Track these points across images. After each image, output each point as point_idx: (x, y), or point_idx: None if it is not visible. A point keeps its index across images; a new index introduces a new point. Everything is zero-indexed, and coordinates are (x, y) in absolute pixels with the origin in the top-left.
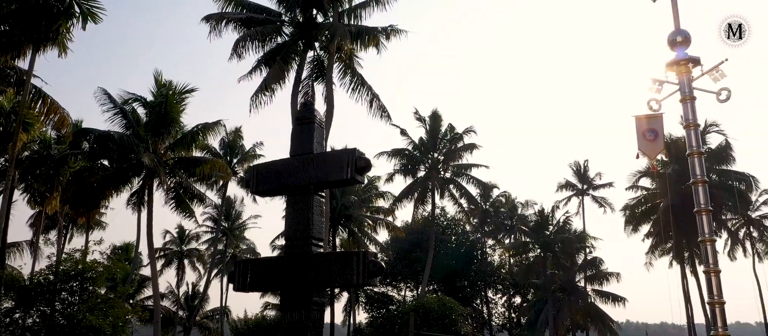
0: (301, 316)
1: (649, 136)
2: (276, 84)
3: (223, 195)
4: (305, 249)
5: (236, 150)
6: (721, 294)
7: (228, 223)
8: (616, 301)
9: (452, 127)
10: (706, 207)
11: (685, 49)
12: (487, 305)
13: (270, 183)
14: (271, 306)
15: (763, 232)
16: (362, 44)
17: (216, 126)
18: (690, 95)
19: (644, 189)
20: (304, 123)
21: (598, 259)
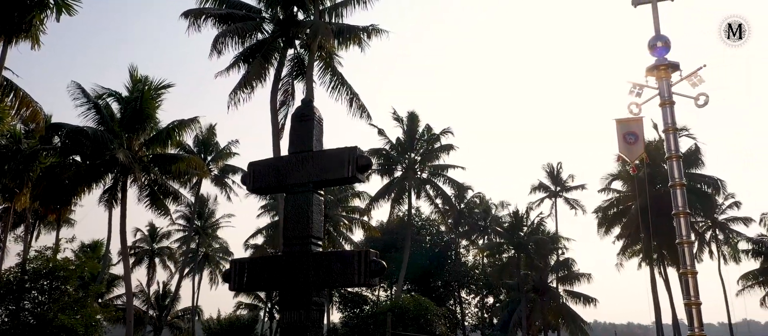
0: (301, 317)
1: (629, 139)
2: (255, 81)
3: (196, 193)
4: (305, 248)
5: (210, 148)
6: (698, 295)
7: (201, 222)
8: (587, 302)
9: (429, 128)
10: (683, 210)
11: (665, 54)
12: (461, 305)
13: (267, 180)
14: (244, 306)
15: (728, 234)
16: (343, 43)
17: (192, 123)
18: (669, 100)
19: (616, 191)
20: (303, 120)
21: (571, 260)
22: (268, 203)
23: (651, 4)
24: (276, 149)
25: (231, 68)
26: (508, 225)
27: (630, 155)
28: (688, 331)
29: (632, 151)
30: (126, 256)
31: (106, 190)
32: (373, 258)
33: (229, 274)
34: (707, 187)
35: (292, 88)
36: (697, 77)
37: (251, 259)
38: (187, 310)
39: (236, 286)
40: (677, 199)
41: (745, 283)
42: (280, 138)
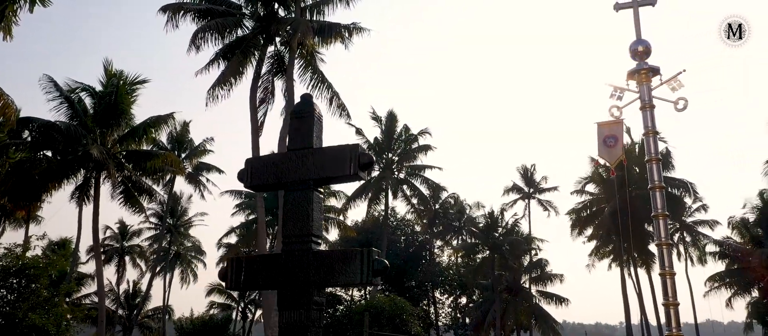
0: (301, 316)
1: (609, 142)
2: (235, 78)
3: (170, 191)
4: (305, 246)
5: (185, 145)
6: (676, 295)
7: (173, 220)
8: (559, 302)
9: (407, 128)
10: (662, 212)
11: (646, 58)
12: (435, 305)
13: (266, 177)
14: (217, 305)
15: (695, 237)
16: (324, 41)
17: (168, 119)
18: (649, 103)
19: (589, 194)
20: (302, 117)
21: (544, 260)
22: (243, 202)
23: (633, 8)
24: (255, 147)
25: (210, 65)
26: (484, 226)
27: (609, 158)
28: (666, 330)
29: (611, 153)
30: (98, 255)
31: (78, 187)
32: (376, 257)
33: (226, 272)
34: (677, 190)
35: (272, 85)
36: (677, 81)
37: (249, 257)
38: (157, 310)
39: (233, 285)
40: (656, 202)
41: (712, 284)
42: (259, 135)
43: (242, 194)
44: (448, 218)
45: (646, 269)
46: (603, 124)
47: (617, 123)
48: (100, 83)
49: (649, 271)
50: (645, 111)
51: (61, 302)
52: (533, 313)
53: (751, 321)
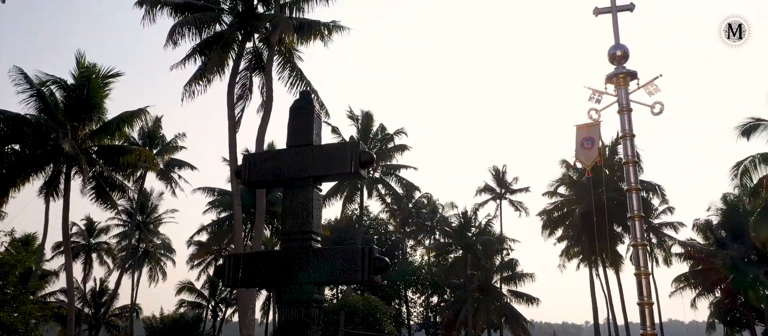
0: (301, 314)
1: (586, 145)
2: (212, 74)
3: (140, 187)
4: (305, 244)
5: (156, 140)
6: (650, 295)
7: (142, 217)
8: (530, 302)
9: (383, 128)
10: (638, 213)
11: (624, 62)
12: (407, 305)
13: (264, 173)
14: (186, 304)
15: (661, 238)
16: (304, 38)
17: (142, 114)
18: (627, 107)
19: (560, 195)
20: (302, 113)
21: (515, 260)
22: (215, 200)
23: (611, 13)
24: (232, 144)
25: (187, 60)
26: (457, 225)
27: (586, 160)
28: (641, 329)
29: (588, 155)
30: (68, 251)
31: (47, 182)
32: (377, 255)
33: (223, 269)
34: (646, 192)
35: (250, 82)
36: (654, 86)
37: (247, 255)
38: (125, 309)
39: (230, 282)
40: (633, 203)
41: (677, 285)
42: (236, 132)
43: (215, 191)
44: (420, 218)
45: (614, 270)
46: (581, 127)
47: (595, 125)
48: (72, 76)
49: (618, 271)
50: (622, 114)
51: (27, 300)
52: (504, 313)
53: (713, 321)
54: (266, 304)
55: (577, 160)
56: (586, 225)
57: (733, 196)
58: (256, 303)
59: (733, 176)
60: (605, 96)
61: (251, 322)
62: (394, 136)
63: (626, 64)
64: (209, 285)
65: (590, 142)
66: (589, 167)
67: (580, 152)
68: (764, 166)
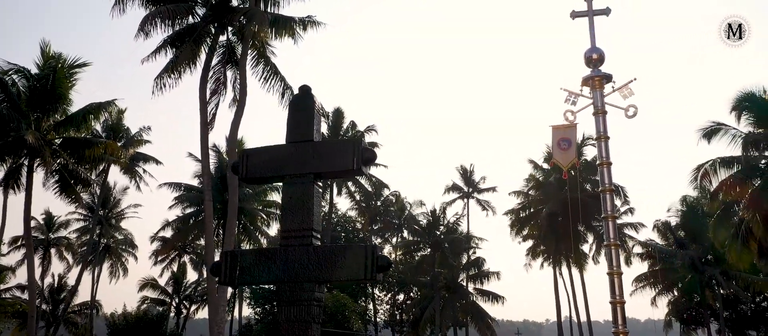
0: (302, 312)
1: (563, 145)
2: (184, 67)
3: (103, 181)
4: (305, 241)
5: (120, 133)
6: (622, 294)
7: (104, 212)
8: (495, 300)
9: (354, 124)
10: (612, 213)
11: (600, 66)
12: (374, 302)
13: (263, 169)
14: (150, 300)
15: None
16: (278, 32)
17: (110, 106)
18: (602, 109)
19: (526, 195)
20: (302, 108)
21: (481, 259)
22: (181, 195)
23: (588, 17)
24: (204, 139)
25: (157, 52)
26: (426, 224)
27: (563, 160)
28: (613, 328)
29: (565, 156)
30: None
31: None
32: (380, 253)
33: (220, 266)
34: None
35: (224, 76)
36: (628, 89)
37: (245, 252)
38: (84, 305)
39: (227, 280)
40: (606, 204)
41: (637, 284)
42: (208, 127)
43: (182, 187)
44: (388, 216)
45: (578, 269)
46: (557, 128)
47: (571, 127)
48: (37, 66)
49: (582, 270)
50: (597, 116)
51: None
52: (470, 311)
53: (670, 319)
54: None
55: (555, 160)
56: (552, 224)
57: (692, 198)
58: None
59: (693, 178)
60: (581, 98)
61: (222, 320)
62: (364, 133)
63: (602, 67)
64: (173, 282)
65: (567, 143)
66: (567, 168)
67: (557, 153)
68: (724, 169)
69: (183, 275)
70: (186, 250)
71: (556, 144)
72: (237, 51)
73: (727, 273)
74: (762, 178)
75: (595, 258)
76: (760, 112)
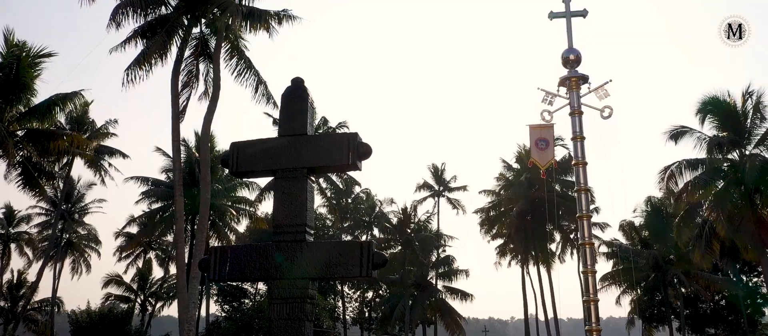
0: (295, 310)
1: (540, 145)
2: (155, 58)
3: (66, 174)
4: (298, 237)
5: (85, 126)
6: (596, 292)
7: (67, 206)
8: (464, 298)
9: (326, 120)
10: (587, 212)
11: (577, 67)
12: (342, 299)
13: (254, 163)
14: (114, 297)
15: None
16: (253, 26)
17: (76, 97)
18: (578, 110)
19: (497, 194)
20: (295, 101)
21: (451, 257)
22: (149, 190)
23: (565, 18)
24: (175, 132)
25: (127, 43)
26: (397, 221)
27: (541, 160)
28: (586, 326)
29: (543, 156)
30: None
31: None
32: (376, 250)
33: (208, 262)
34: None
35: (197, 69)
36: (604, 90)
37: (235, 247)
38: (45, 302)
39: (216, 276)
40: (582, 203)
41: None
42: (180, 121)
43: (149, 181)
44: (358, 213)
45: (546, 268)
46: (535, 127)
47: (548, 127)
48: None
49: (549, 269)
50: (574, 116)
51: None
52: (439, 308)
53: (633, 317)
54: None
55: (533, 160)
56: (522, 223)
57: (657, 199)
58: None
59: (660, 180)
60: (557, 98)
61: (192, 318)
62: (336, 129)
63: (579, 68)
64: (139, 278)
65: (545, 142)
66: (545, 168)
67: (535, 152)
68: (689, 171)
69: (149, 272)
70: (152, 246)
71: (533, 143)
72: (210, 44)
73: (689, 272)
74: (725, 180)
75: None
76: (724, 115)
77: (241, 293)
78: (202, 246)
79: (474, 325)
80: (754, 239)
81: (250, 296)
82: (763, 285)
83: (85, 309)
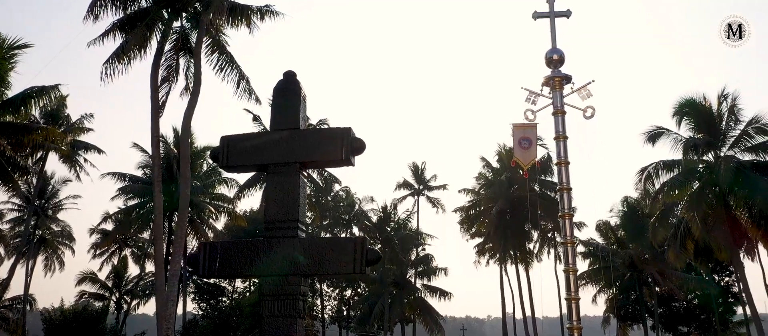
0: (287, 307)
1: (523, 145)
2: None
3: (40, 169)
4: (291, 233)
5: (60, 120)
6: (577, 291)
7: (40, 202)
8: (443, 296)
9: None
10: (569, 212)
11: (560, 67)
12: (321, 298)
13: (245, 157)
14: (88, 295)
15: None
16: (235, 21)
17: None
18: (561, 109)
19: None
20: (287, 95)
21: (430, 255)
22: (126, 186)
23: (549, 18)
24: (155, 127)
25: (105, 36)
26: (377, 220)
27: (524, 159)
28: (567, 323)
29: (526, 155)
30: None
31: None
32: (370, 246)
33: (197, 257)
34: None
35: (177, 63)
36: (586, 91)
37: (226, 243)
38: (17, 299)
39: (206, 272)
40: (564, 202)
41: (580, 282)
42: (159, 115)
43: (126, 177)
44: (337, 211)
45: (524, 266)
46: (518, 126)
47: (531, 126)
48: None
49: (528, 268)
50: (557, 116)
51: None
52: (418, 307)
53: (608, 315)
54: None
55: (516, 159)
56: (501, 222)
57: (633, 199)
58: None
59: (638, 180)
60: (541, 98)
61: (171, 315)
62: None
63: (562, 68)
64: (114, 276)
65: (528, 142)
66: (527, 167)
67: (518, 151)
68: (666, 172)
69: (124, 269)
70: (128, 243)
71: (517, 142)
72: (191, 38)
73: (664, 272)
74: (700, 181)
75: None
76: (700, 117)
77: (219, 291)
78: (181, 243)
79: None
80: (727, 240)
81: (227, 294)
82: (734, 284)
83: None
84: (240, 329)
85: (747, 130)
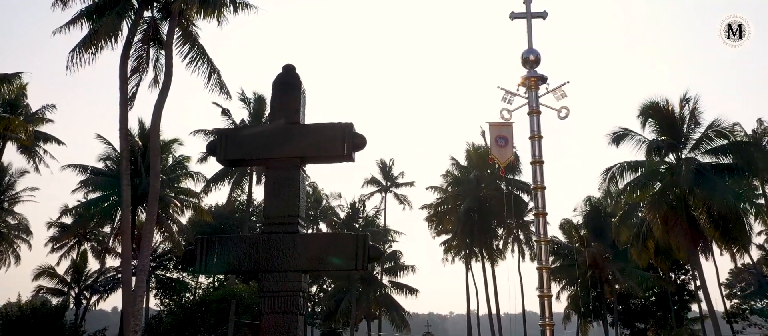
0: (287, 304)
1: (500, 143)
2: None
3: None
4: (291, 229)
5: (19, 110)
6: (550, 288)
7: None
8: (410, 292)
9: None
10: (543, 210)
11: (536, 67)
12: None
13: (244, 151)
14: (46, 290)
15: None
16: (207, 13)
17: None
18: (536, 109)
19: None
20: (287, 89)
21: (398, 252)
22: (88, 178)
23: (526, 19)
24: (123, 120)
25: (72, 24)
26: (346, 216)
27: (501, 157)
28: (540, 320)
29: (502, 153)
30: None
31: None
32: (371, 243)
33: (194, 252)
34: (520, 192)
35: (147, 54)
36: (561, 91)
37: (222, 237)
38: None
39: (203, 268)
40: (538, 201)
41: None
42: (128, 108)
43: (88, 170)
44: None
45: (490, 264)
46: (494, 125)
47: (508, 125)
48: None
49: (493, 265)
50: (532, 116)
51: None
52: (384, 303)
53: (569, 312)
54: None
55: (493, 156)
56: (469, 220)
57: (596, 199)
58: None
59: (602, 180)
60: (517, 97)
61: (139, 311)
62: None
63: (538, 69)
64: (73, 271)
65: (504, 140)
66: (504, 164)
67: (495, 149)
68: (629, 173)
69: (84, 264)
70: (87, 237)
71: (493, 141)
72: (162, 29)
73: (624, 270)
74: (662, 182)
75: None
76: (663, 120)
77: (182, 286)
78: (149, 237)
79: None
80: (686, 239)
81: (191, 290)
82: (690, 282)
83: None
84: (204, 326)
85: (707, 133)
